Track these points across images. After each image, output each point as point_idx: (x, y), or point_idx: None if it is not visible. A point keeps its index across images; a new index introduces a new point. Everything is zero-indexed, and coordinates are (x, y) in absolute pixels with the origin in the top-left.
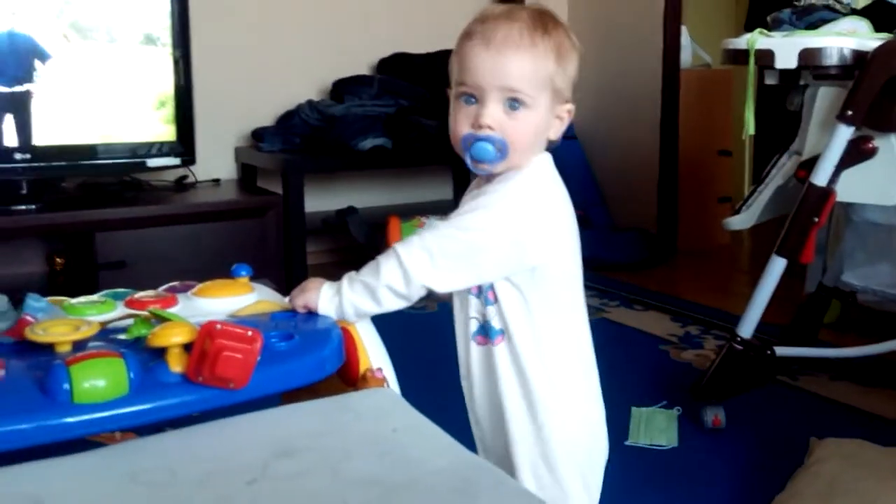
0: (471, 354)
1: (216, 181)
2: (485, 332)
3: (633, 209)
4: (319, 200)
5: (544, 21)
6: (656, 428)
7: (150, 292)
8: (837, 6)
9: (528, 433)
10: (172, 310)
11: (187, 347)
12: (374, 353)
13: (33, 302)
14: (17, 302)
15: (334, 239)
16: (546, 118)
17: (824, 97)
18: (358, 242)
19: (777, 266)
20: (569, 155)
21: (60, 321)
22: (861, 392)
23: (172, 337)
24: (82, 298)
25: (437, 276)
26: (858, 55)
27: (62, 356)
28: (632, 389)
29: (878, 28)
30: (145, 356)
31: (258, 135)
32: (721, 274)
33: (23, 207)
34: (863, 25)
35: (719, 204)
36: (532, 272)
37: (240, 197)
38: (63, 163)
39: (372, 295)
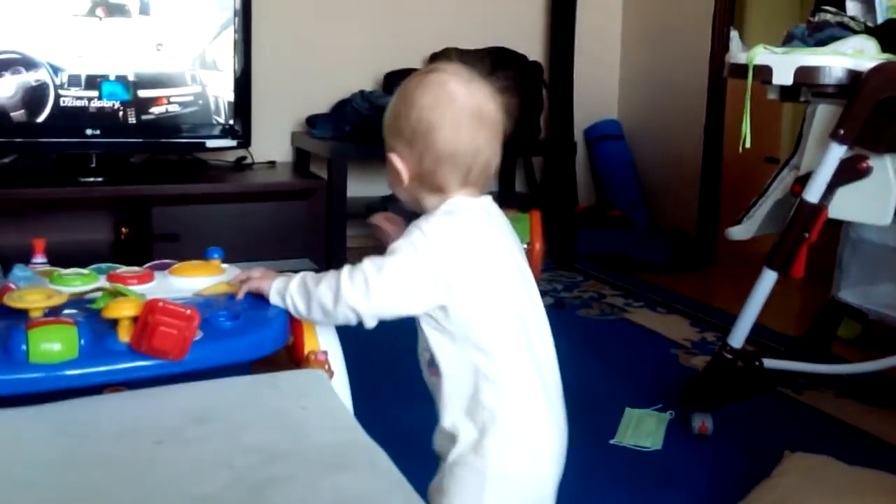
0: (429, 380)
1: (272, 163)
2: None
3: (675, 211)
4: (366, 186)
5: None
6: (644, 430)
7: (132, 268)
8: (851, 24)
9: (461, 466)
10: (148, 286)
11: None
12: (323, 337)
13: (19, 272)
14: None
15: None
16: (393, 169)
17: (822, 114)
18: None
19: (767, 278)
20: (615, 155)
21: (36, 290)
22: (864, 412)
23: (123, 311)
24: (71, 270)
25: (367, 303)
26: (853, 75)
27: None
28: (632, 390)
29: (889, 47)
30: (102, 326)
31: (311, 121)
32: None
33: (91, 179)
34: (870, 45)
35: None
36: (443, 310)
37: (286, 179)
38: (127, 139)
39: (307, 301)
